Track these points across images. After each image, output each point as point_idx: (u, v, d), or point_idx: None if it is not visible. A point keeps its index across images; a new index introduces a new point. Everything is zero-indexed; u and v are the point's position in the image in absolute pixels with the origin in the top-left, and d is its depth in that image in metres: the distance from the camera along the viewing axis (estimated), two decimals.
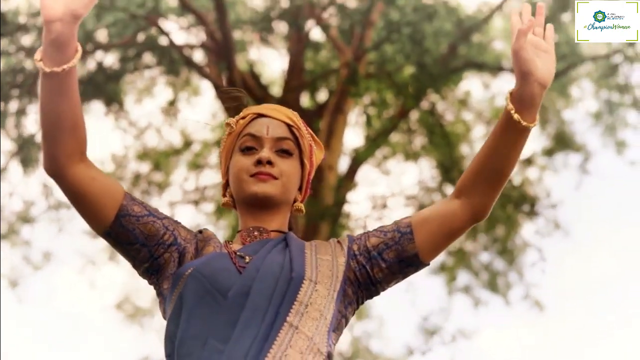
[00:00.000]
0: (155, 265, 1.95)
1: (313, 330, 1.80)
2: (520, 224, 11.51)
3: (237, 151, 2.05)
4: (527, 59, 1.80)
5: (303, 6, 9.14)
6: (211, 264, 1.87)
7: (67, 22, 1.68)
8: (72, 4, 1.68)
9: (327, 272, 1.90)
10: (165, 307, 1.93)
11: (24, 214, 11.26)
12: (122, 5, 8.76)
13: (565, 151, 11.20)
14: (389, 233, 1.96)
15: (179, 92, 11.24)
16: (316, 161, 2.16)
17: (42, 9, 1.68)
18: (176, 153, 11.58)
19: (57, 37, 1.69)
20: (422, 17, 8.71)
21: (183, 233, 1.97)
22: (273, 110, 2.09)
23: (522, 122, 1.84)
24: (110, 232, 1.90)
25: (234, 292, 1.81)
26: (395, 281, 1.99)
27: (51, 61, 1.71)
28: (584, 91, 11.17)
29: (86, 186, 1.84)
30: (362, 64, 9.34)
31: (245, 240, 2.01)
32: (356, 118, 10.97)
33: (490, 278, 11.84)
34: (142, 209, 1.92)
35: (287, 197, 2.04)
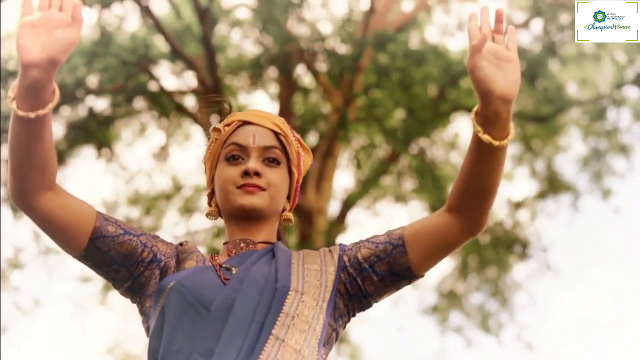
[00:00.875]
0: (136, 284, 1.88)
1: (301, 343, 1.74)
2: (512, 266, 11.55)
3: (223, 160, 1.97)
4: (484, 78, 1.67)
5: (293, 52, 9.23)
6: (194, 277, 1.82)
7: (45, 68, 1.62)
8: (51, 49, 1.61)
9: (314, 282, 1.84)
10: (148, 324, 1.87)
11: (13, 260, 11.22)
12: (114, 51, 8.83)
13: (554, 195, 11.26)
14: (381, 245, 1.88)
15: (170, 137, 11.27)
16: (304, 167, 2.08)
17: (19, 52, 1.61)
18: (167, 198, 11.58)
19: (33, 83, 1.62)
20: (411, 62, 8.80)
21: (162, 248, 1.91)
22: (259, 117, 2.01)
23: (493, 142, 1.71)
24: (85, 255, 1.84)
25: (217, 305, 1.76)
26: (387, 294, 1.91)
27: (25, 105, 1.65)
28: (571, 138, 11.24)
29: (55, 215, 1.78)
30: (352, 108, 9.42)
31: (231, 252, 1.94)
32: (346, 162, 11.02)
33: (482, 319, 11.85)
34: (117, 228, 1.86)
35: (275, 208, 1.97)
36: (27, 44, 1.60)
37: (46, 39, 1.61)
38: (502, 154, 1.74)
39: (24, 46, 1.60)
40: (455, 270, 11.79)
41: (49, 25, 1.62)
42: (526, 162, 11.46)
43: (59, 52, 1.62)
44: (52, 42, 1.61)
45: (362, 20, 9.75)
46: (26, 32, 1.61)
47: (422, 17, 10.45)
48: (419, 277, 1.90)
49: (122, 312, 12.07)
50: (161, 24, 9.13)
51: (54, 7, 1.64)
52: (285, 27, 9.18)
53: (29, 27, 1.62)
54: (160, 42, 9.82)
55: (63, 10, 1.64)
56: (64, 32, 1.62)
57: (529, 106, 10.22)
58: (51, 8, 1.64)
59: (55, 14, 1.64)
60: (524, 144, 11.20)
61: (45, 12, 1.64)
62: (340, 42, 9.93)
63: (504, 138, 1.72)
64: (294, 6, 9.38)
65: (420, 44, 9.87)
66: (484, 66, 1.67)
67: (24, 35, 1.61)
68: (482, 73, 1.67)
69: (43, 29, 1.62)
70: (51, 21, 1.63)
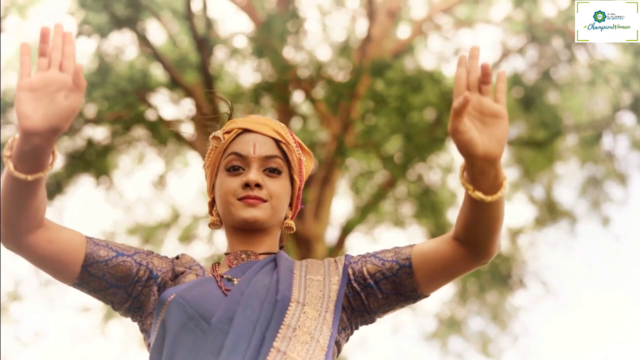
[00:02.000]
0: (135, 304, 1.85)
1: (303, 355, 1.70)
2: (511, 291, 11.54)
3: (223, 170, 1.93)
4: (465, 142, 1.56)
5: (290, 80, 9.27)
6: (194, 289, 1.79)
7: (47, 137, 1.52)
8: (53, 118, 1.51)
9: (316, 293, 1.80)
10: (149, 341, 1.83)
11: (13, 292, 11.21)
12: (112, 80, 8.87)
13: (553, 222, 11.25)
14: (387, 262, 1.83)
15: (168, 165, 11.28)
16: (306, 172, 2.03)
17: (19, 118, 1.51)
18: (166, 226, 11.57)
19: (33, 149, 1.54)
20: (408, 89, 8.84)
21: (158, 263, 1.87)
22: (259, 125, 1.96)
23: (485, 198, 1.63)
24: (79, 283, 1.80)
25: (218, 318, 1.72)
26: (392, 311, 1.88)
27: (23, 167, 1.56)
28: (568, 164, 11.25)
29: (45, 250, 1.72)
30: (349, 135, 9.45)
31: (232, 263, 1.91)
32: (344, 188, 11.04)
33: (483, 344, 11.83)
34: (109, 251, 1.81)
35: (277, 219, 1.94)
36: (28, 111, 1.50)
37: (47, 105, 1.52)
38: (498, 204, 1.66)
39: (24, 113, 1.50)
40: (455, 295, 11.78)
41: (49, 88, 1.52)
42: (524, 188, 11.48)
43: (62, 120, 1.51)
44: (54, 109, 1.51)
45: (359, 47, 9.82)
46: (25, 96, 1.52)
47: (418, 43, 10.52)
48: (425, 297, 1.86)
49: (121, 341, 12.04)
50: (159, 53, 9.18)
51: (53, 66, 1.54)
52: (282, 55, 9.24)
53: (29, 91, 1.52)
54: (158, 71, 9.88)
55: (63, 69, 1.54)
56: (67, 99, 1.52)
57: (525, 132, 10.27)
58: (51, 68, 1.54)
59: (56, 75, 1.53)
60: (522, 170, 11.23)
61: (45, 73, 1.53)
62: (337, 69, 9.99)
63: (497, 190, 1.63)
64: (291, 34, 9.44)
65: (417, 70, 9.92)
66: (466, 130, 1.55)
67: (23, 100, 1.51)
68: (464, 137, 1.55)
69: (43, 92, 1.52)
70: (52, 84, 1.53)
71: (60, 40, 1.56)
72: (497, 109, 1.57)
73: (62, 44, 1.55)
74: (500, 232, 1.74)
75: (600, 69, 9.41)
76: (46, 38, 1.54)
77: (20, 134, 1.53)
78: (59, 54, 1.55)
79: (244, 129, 1.95)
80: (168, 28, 9.62)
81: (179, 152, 11.11)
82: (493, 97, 1.59)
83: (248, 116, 2.02)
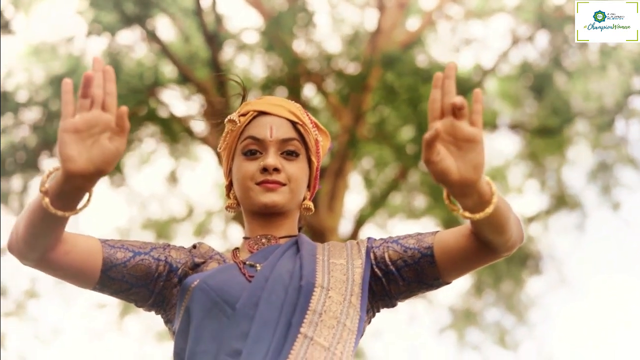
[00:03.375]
0: (158, 299, 1.84)
1: (330, 340, 1.69)
2: (526, 280, 11.53)
3: (240, 154, 1.92)
4: (438, 172, 1.49)
5: (301, 73, 9.28)
6: (218, 275, 1.78)
7: (89, 179, 1.49)
8: (98, 162, 1.47)
9: (340, 277, 1.78)
10: (174, 329, 1.83)
11: (30, 290, 11.27)
12: (123, 79, 8.89)
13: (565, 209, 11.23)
14: (409, 250, 1.81)
15: (180, 161, 11.30)
16: (323, 152, 2.02)
17: (63, 161, 1.46)
18: (179, 222, 11.61)
19: (74, 191, 1.51)
20: (418, 80, 8.83)
21: (176, 255, 1.86)
22: (275, 107, 1.94)
23: (474, 217, 1.58)
24: (100, 287, 1.79)
25: (242, 303, 1.72)
26: (413, 296, 1.86)
27: (58, 204, 1.53)
28: (579, 150, 11.22)
29: (62, 263, 1.71)
30: (361, 127, 9.45)
31: (253, 249, 1.90)
32: (357, 180, 11.05)
33: (500, 335, 11.82)
34: (125, 252, 1.79)
35: (296, 202, 1.92)
36: (72, 154, 1.45)
37: (91, 147, 1.47)
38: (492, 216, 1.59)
39: (69, 156, 1.45)
40: (471, 287, 11.77)
41: (94, 130, 1.48)
42: (536, 176, 11.46)
43: (106, 164, 1.48)
44: (99, 152, 1.47)
45: (369, 39, 9.81)
46: (69, 138, 1.46)
47: (428, 34, 10.50)
48: (447, 284, 1.84)
49: (138, 337, 12.09)
50: (169, 49, 9.20)
51: (96, 105, 1.49)
52: (292, 49, 9.24)
53: (72, 133, 1.46)
54: (168, 68, 9.90)
55: (106, 108, 1.49)
56: (111, 142, 1.48)
57: (535, 119, 10.24)
58: (94, 107, 1.49)
59: (100, 115, 1.48)
60: (532, 158, 11.20)
61: (88, 114, 1.48)
62: (347, 61, 9.98)
63: (485, 207, 1.56)
64: (301, 27, 9.44)
65: (427, 61, 9.91)
66: (439, 160, 1.47)
67: (68, 142, 1.46)
68: (437, 168, 1.48)
69: (87, 134, 1.47)
70: (96, 125, 1.48)
71: (101, 77, 1.49)
72: (472, 134, 1.49)
73: (104, 81, 1.49)
74: (513, 228, 1.68)
75: (611, 54, 9.37)
76: (90, 83, 1.48)
77: (63, 175, 1.48)
78: (100, 91, 1.49)
79: (260, 111, 1.93)
80: (178, 25, 9.63)
81: (191, 148, 11.13)
82: (469, 119, 1.50)
83: (263, 97, 2.00)
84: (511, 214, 1.67)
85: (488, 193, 1.55)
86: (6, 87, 9.65)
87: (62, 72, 9.28)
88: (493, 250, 1.73)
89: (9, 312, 11.21)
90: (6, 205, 10.00)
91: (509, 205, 1.67)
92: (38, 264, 1.70)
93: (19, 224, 1.65)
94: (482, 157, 1.49)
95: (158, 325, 12.02)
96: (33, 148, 9.75)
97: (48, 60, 9.88)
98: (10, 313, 11.22)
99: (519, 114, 10.66)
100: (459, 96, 1.47)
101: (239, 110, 1.96)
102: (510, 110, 10.77)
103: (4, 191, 9.76)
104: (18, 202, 10.10)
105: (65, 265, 1.72)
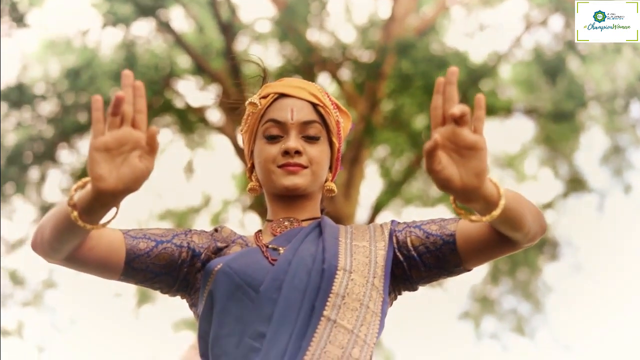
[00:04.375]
0: (182, 284, 1.85)
1: (353, 322, 1.70)
2: (542, 267, 11.52)
3: (261, 137, 1.91)
4: (440, 180, 1.45)
5: (315, 62, 9.29)
6: (241, 258, 1.78)
7: (119, 197, 1.48)
8: (128, 181, 1.45)
9: (363, 260, 1.78)
10: (198, 312, 1.84)
11: (48, 280, 11.37)
12: (139, 70, 8.93)
13: (578, 193, 11.20)
14: (431, 237, 1.80)
15: (196, 149, 11.35)
16: (344, 133, 2.01)
17: (95, 180, 1.45)
18: (196, 212, 11.66)
19: (103, 207, 1.50)
20: (433, 67, 8.82)
21: (198, 240, 1.86)
22: (296, 89, 1.93)
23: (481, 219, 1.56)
24: (124, 278, 1.80)
25: (266, 287, 1.72)
26: (434, 281, 1.86)
27: (86, 218, 1.53)
28: (593, 134, 11.18)
29: (86, 259, 1.72)
30: (377, 115, 9.46)
31: (276, 231, 1.90)
32: (373, 168, 11.07)
33: (517, 322, 11.82)
34: (148, 242, 1.80)
35: (318, 184, 1.92)
36: (103, 173, 1.44)
37: (121, 166, 1.45)
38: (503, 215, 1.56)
39: (99, 175, 1.44)
40: (487, 275, 11.78)
41: (124, 148, 1.45)
42: (551, 161, 11.43)
43: (136, 183, 1.46)
44: (129, 171, 1.45)
45: (383, 26, 9.81)
46: (100, 157, 1.44)
47: (442, 21, 10.49)
48: (467, 271, 1.84)
49: (155, 325, 12.17)
50: (184, 40, 9.23)
51: (126, 122, 1.46)
52: (306, 38, 9.25)
53: (103, 151, 1.44)
54: (183, 59, 9.93)
55: (137, 126, 1.46)
56: (141, 162, 1.46)
57: (550, 104, 10.21)
58: (124, 124, 1.46)
59: (130, 133, 1.46)
60: (548, 144, 11.17)
61: (118, 132, 1.45)
62: (362, 49, 9.98)
63: (493, 208, 1.53)
64: (315, 16, 9.45)
65: (441, 48, 9.89)
66: (441, 169, 1.44)
67: (98, 161, 1.44)
68: (439, 176, 1.45)
69: (117, 152, 1.45)
70: (126, 143, 1.45)
71: (131, 92, 1.46)
72: (474, 141, 1.44)
73: (134, 97, 1.46)
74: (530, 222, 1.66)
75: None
76: (121, 103, 1.44)
77: (92, 192, 1.47)
78: (131, 108, 1.46)
79: (280, 94, 1.92)
80: (192, 15, 9.66)
81: (207, 138, 11.17)
82: (471, 126, 1.45)
83: (284, 79, 1.99)
84: (526, 209, 1.64)
85: (495, 196, 1.52)
86: (23, 80, 9.71)
87: (78, 65, 9.34)
88: (513, 243, 1.72)
89: (26, 302, 11.33)
90: (24, 196, 10.10)
91: (523, 201, 1.65)
92: (63, 262, 1.72)
93: (45, 228, 1.65)
94: (485, 164, 1.45)
95: (174, 314, 12.11)
96: (50, 140, 9.83)
97: (63, 53, 9.94)
98: (28, 303, 11.34)
99: (533, 98, 10.63)
100: (459, 105, 1.43)
101: (259, 93, 1.95)
102: (525, 96, 10.75)
103: (22, 182, 9.85)
104: (36, 193, 10.19)
105: (89, 260, 1.73)
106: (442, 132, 1.44)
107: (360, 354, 1.69)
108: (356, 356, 1.68)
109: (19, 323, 11.39)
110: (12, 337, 11.26)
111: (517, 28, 10.19)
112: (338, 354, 1.66)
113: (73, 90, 9.41)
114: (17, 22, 8.54)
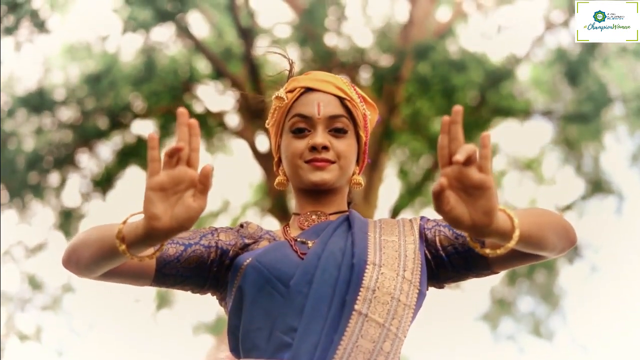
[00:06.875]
0: (213, 283, 1.84)
1: (384, 316, 1.70)
2: (559, 269, 11.50)
3: (288, 132, 1.91)
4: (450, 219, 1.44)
5: (333, 66, 9.30)
6: (270, 253, 1.79)
7: (170, 235, 1.46)
8: (182, 220, 1.43)
9: (392, 254, 1.77)
10: (228, 307, 1.84)
11: (67, 285, 11.41)
12: (159, 75, 8.96)
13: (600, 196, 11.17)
14: (460, 237, 1.81)
15: (215, 154, 11.38)
16: (371, 125, 2.02)
17: (149, 220, 1.44)
18: (214, 216, 11.69)
19: (153, 243, 1.49)
20: (451, 70, 8.83)
21: (225, 238, 1.85)
22: (322, 83, 1.92)
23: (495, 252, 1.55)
24: (155, 284, 1.80)
25: (296, 281, 1.72)
26: (460, 281, 1.87)
27: (134, 251, 1.53)
28: (617, 135, 11.12)
29: (118, 271, 1.72)
30: (395, 118, 9.47)
31: (303, 225, 1.91)
32: (392, 171, 11.07)
33: (534, 324, 11.81)
34: (177, 247, 1.79)
35: (345, 178, 1.93)
36: (157, 212, 1.43)
37: (175, 205, 1.44)
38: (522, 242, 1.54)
39: (154, 214, 1.43)
40: (505, 276, 11.76)
41: (179, 187, 1.44)
42: (570, 163, 11.40)
43: (189, 222, 1.45)
44: (183, 210, 1.44)
45: (401, 30, 9.81)
46: (155, 196, 1.43)
47: (460, 24, 10.49)
48: (495, 273, 1.85)
49: (173, 330, 12.19)
50: (203, 45, 9.26)
51: (181, 161, 1.45)
52: (324, 42, 9.27)
53: (159, 191, 1.44)
54: (202, 64, 9.96)
55: (191, 164, 1.45)
56: (195, 201, 1.44)
57: (570, 106, 10.19)
58: (179, 163, 1.45)
59: (185, 172, 1.44)
60: (567, 145, 11.15)
61: (173, 171, 1.44)
62: (380, 53, 9.99)
63: (508, 240, 1.50)
64: (333, 21, 9.47)
65: (459, 51, 9.89)
66: (449, 209, 1.43)
67: (154, 201, 1.43)
68: (449, 216, 1.44)
69: (172, 191, 1.44)
70: (181, 182, 1.44)
71: (186, 130, 1.45)
72: (480, 181, 1.41)
73: (189, 136, 1.45)
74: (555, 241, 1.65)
75: None
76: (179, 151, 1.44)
77: (145, 230, 1.46)
78: (186, 147, 1.45)
79: (307, 88, 1.92)
80: (211, 20, 9.69)
81: (226, 143, 11.19)
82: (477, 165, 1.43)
83: (310, 73, 1.99)
84: (548, 230, 1.63)
85: (508, 229, 1.49)
86: (43, 85, 9.75)
87: (98, 70, 9.38)
88: (540, 257, 1.72)
89: (45, 306, 11.36)
90: (43, 201, 10.14)
91: (544, 222, 1.63)
92: (96, 278, 1.74)
93: (82, 251, 1.65)
94: (493, 202, 1.43)
95: (194, 318, 12.13)
96: (69, 145, 9.87)
97: (83, 59, 9.99)
98: (46, 307, 11.37)
99: (553, 100, 10.61)
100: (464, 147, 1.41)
101: (285, 87, 1.95)
102: (544, 98, 10.73)
103: (41, 187, 9.89)
104: (55, 198, 10.23)
105: (122, 274, 1.74)
106: (449, 173, 1.42)
107: (391, 348, 1.70)
108: (387, 350, 1.69)
109: (37, 327, 11.43)
110: (31, 342, 11.30)
111: (537, 29, 10.18)
112: (370, 348, 1.66)
113: (93, 96, 9.46)
114: (38, 27, 8.58)
